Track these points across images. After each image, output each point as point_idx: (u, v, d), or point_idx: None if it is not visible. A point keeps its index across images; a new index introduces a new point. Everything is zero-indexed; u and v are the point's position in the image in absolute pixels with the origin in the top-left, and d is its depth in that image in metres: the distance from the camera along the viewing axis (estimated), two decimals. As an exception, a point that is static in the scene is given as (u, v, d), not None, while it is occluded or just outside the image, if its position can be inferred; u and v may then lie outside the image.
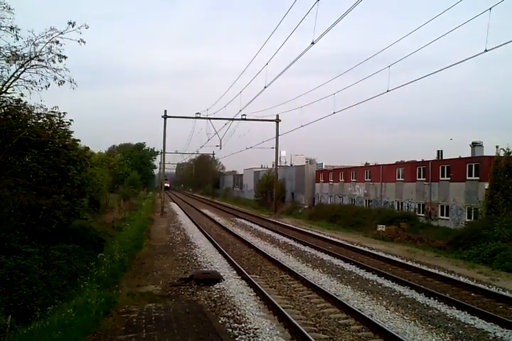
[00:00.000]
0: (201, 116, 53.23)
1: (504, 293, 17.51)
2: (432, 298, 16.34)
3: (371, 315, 13.80)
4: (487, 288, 18.43)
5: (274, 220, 48.70)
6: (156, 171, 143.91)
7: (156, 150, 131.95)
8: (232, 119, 52.26)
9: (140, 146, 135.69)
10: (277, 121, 55.44)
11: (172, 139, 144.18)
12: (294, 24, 21.89)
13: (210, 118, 53.42)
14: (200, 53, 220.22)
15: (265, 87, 33.20)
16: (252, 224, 44.10)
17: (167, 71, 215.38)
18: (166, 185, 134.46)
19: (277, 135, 56.08)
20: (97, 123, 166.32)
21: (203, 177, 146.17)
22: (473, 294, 17.46)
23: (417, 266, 22.91)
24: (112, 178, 68.85)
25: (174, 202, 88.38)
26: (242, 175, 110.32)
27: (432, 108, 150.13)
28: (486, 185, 33.82)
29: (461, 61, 18.73)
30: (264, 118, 53.57)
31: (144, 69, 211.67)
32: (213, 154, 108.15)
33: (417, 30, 20.22)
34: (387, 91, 23.42)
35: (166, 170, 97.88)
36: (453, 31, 18.64)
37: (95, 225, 32.21)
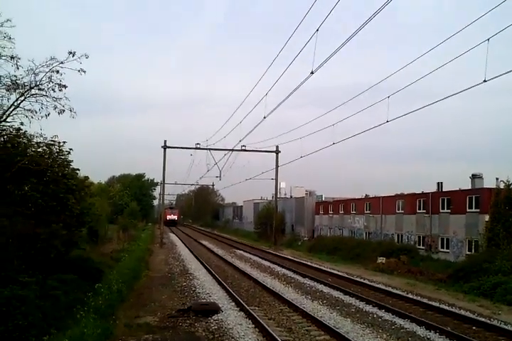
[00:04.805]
0: (201, 147, 53.43)
1: (506, 327, 17.27)
2: (432, 332, 16.10)
3: (371, 348, 13.61)
4: (488, 321, 18.18)
5: (274, 252, 48.44)
6: (155, 202, 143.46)
7: (155, 181, 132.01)
8: (232, 150, 52.42)
9: (140, 177, 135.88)
10: (277, 152, 55.60)
11: (172, 170, 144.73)
12: (293, 54, 22.14)
13: (209, 149, 53.59)
14: (200, 84, 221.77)
15: (264, 117, 33.20)
16: (252, 256, 43.85)
17: (167, 101, 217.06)
18: (171, 217, 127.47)
19: (277, 166, 56.17)
20: (96, 153, 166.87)
21: (202, 208, 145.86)
22: (474, 327, 17.21)
23: (418, 298, 22.66)
24: (112, 209, 68.72)
25: (173, 233, 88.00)
26: (241, 206, 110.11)
27: (432, 140, 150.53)
28: (487, 218, 33.73)
29: (461, 91, 18.73)
30: (263, 149, 53.80)
31: (144, 99, 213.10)
32: (213, 185, 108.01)
33: (416, 60, 20.32)
34: (387, 121, 23.48)
35: (165, 201, 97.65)
36: (453, 63, 18.77)
37: (94, 256, 32.02)
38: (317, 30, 18.76)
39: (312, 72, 20.53)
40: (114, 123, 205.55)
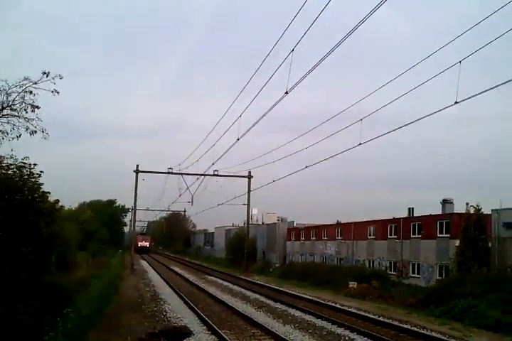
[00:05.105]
0: (173, 172, 53.35)
1: (477, 349, 17.38)
2: (404, 353, 16.13)
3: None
4: (460, 343, 18.27)
5: (245, 278, 48.24)
6: (126, 229, 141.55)
7: (126, 207, 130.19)
8: (204, 175, 52.45)
9: (111, 203, 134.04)
10: (249, 177, 55.74)
11: (143, 196, 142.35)
12: (267, 77, 22.40)
13: (182, 174, 53.54)
14: (173, 109, 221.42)
15: (238, 139, 33.33)
16: (223, 282, 43.63)
17: (139, 126, 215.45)
18: (143, 243, 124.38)
19: (249, 191, 56.26)
20: (66, 178, 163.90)
21: (173, 235, 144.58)
22: (446, 349, 17.30)
23: (389, 321, 22.72)
24: (81, 235, 67.69)
25: (144, 259, 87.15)
26: (213, 233, 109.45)
27: (404, 165, 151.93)
28: (457, 243, 33.93)
29: (433, 113, 19.13)
30: (236, 174, 53.90)
31: (116, 124, 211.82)
32: (184, 211, 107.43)
33: (388, 84, 20.67)
34: (359, 144, 23.75)
35: (136, 227, 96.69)
36: (425, 87, 19.14)
37: (63, 281, 31.44)
38: (292, 50, 19.04)
39: (287, 92, 20.83)
40: (86, 147, 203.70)
